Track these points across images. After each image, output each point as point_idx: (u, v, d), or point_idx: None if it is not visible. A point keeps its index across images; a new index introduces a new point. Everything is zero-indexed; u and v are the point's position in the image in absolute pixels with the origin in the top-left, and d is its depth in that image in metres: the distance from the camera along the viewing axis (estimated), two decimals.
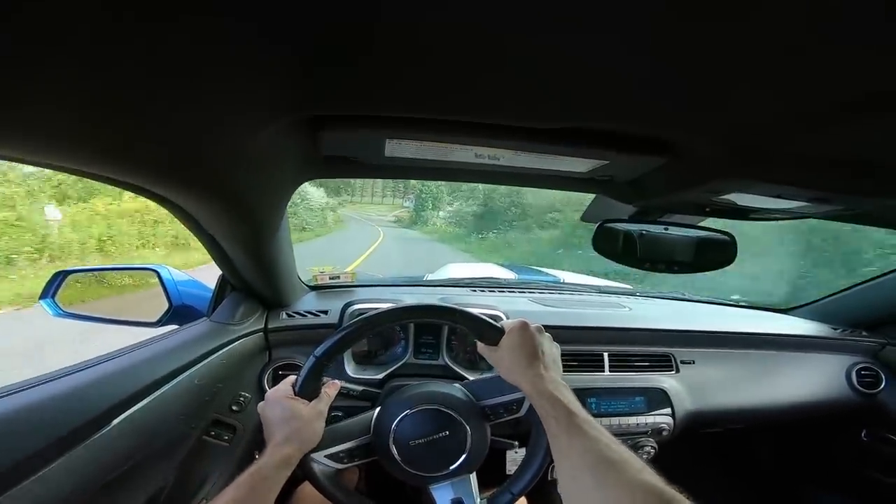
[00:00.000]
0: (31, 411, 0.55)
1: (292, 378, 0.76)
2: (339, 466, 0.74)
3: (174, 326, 1.00)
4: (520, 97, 0.43)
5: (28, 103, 0.30)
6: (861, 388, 1.35)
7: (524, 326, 0.74)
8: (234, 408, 0.97)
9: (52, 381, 0.62)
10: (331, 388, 0.77)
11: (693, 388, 1.22)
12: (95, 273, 1.17)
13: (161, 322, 1.03)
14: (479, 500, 0.77)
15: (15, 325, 5.01)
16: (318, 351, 0.72)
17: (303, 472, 0.71)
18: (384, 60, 0.36)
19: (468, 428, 0.76)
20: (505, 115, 0.49)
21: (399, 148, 0.59)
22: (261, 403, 0.74)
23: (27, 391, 0.58)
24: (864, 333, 1.43)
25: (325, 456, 0.73)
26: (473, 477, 0.79)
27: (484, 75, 0.38)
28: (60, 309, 1.02)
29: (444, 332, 1.12)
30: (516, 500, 0.78)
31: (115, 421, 0.65)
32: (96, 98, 0.32)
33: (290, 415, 0.70)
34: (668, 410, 1.17)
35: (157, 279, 1.04)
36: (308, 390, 0.73)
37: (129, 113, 0.35)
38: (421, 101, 0.45)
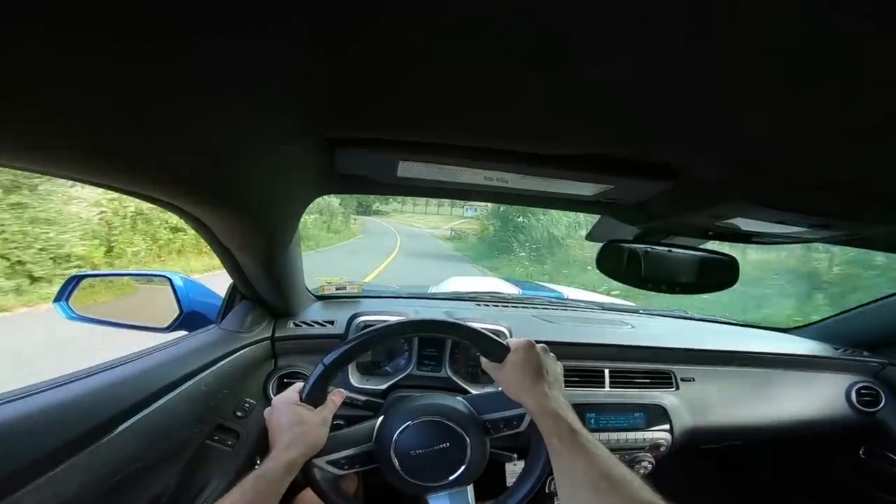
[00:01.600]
0: (40, 415, 0.57)
1: (299, 385, 0.77)
2: (340, 472, 0.75)
3: (184, 332, 1.02)
4: (529, 125, 0.45)
5: (49, 115, 0.31)
6: (860, 407, 1.35)
7: (530, 346, 0.75)
8: (238, 414, 0.98)
9: (62, 385, 0.63)
10: (336, 397, 0.79)
11: (692, 405, 1.23)
12: (109, 278, 1.19)
13: (171, 327, 1.05)
14: None
15: None
16: (327, 359, 0.74)
17: (305, 476, 0.73)
18: (399, 89, 0.38)
19: (468, 440, 0.77)
20: (514, 141, 0.50)
21: (411, 169, 0.61)
22: (267, 409, 0.75)
23: (37, 395, 0.59)
24: (865, 354, 1.43)
25: (327, 462, 0.74)
26: (470, 489, 0.80)
27: (495, 106, 0.40)
28: (74, 312, 1.04)
29: (447, 345, 1.13)
30: None
31: (123, 425, 0.66)
32: (118, 111, 0.33)
33: (295, 420, 0.71)
34: (667, 426, 1.18)
35: (168, 287, 1.06)
36: (314, 397, 0.74)
37: (149, 126, 0.36)
38: (433, 128, 0.47)
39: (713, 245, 0.88)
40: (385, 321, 0.82)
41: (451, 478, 0.77)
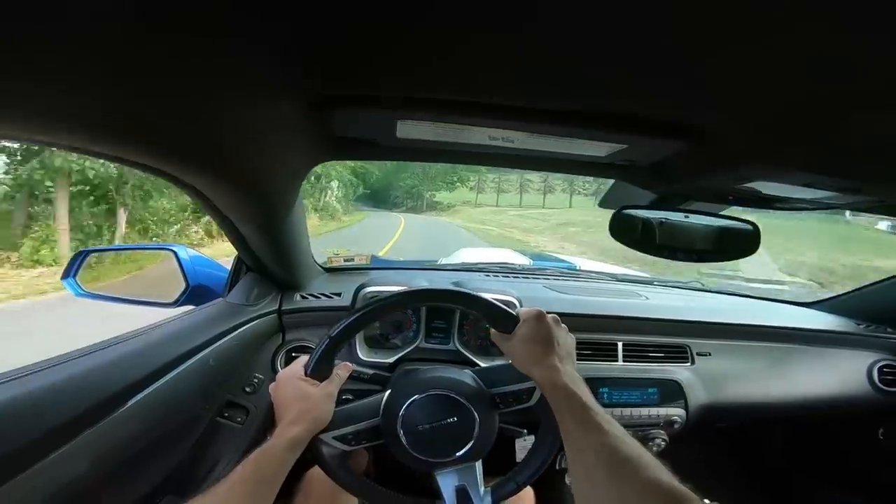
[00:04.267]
0: (50, 391, 0.57)
1: (304, 359, 0.76)
2: (347, 448, 0.75)
3: (191, 307, 1.02)
4: (534, 78, 0.42)
5: (46, 85, 0.30)
6: (882, 386, 1.31)
7: (540, 316, 0.73)
8: (247, 389, 0.99)
9: (71, 360, 0.63)
10: (342, 370, 0.77)
11: (708, 380, 1.20)
12: (115, 252, 1.19)
13: (178, 302, 1.05)
14: (483, 488, 0.77)
15: None
16: (332, 332, 0.73)
17: (311, 453, 0.72)
18: (392, 39, 0.35)
19: (476, 415, 0.76)
20: (519, 96, 0.47)
21: (411, 129, 0.58)
22: (272, 384, 0.74)
23: (47, 371, 0.59)
24: (888, 330, 1.38)
25: (334, 437, 0.74)
26: (479, 465, 0.79)
27: (497, 54, 0.37)
28: (82, 288, 1.04)
29: (455, 317, 1.12)
30: (520, 489, 0.78)
31: (132, 400, 0.66)
32: (110, 79, 0.32)
33: (300, 395, 0.70)
34: (682, 403, 1.15)
35: (174, 260, 1.06)
36: (319, 371, 0.73)
37: (140, 93, 0.35)
38: (431, 81, 0.44)
39: (732, 210, 0.84)
40: (393, 291, 0.80)
41: (458, 454, 0.75)
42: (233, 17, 0.30)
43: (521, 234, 20.00)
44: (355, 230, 17.94)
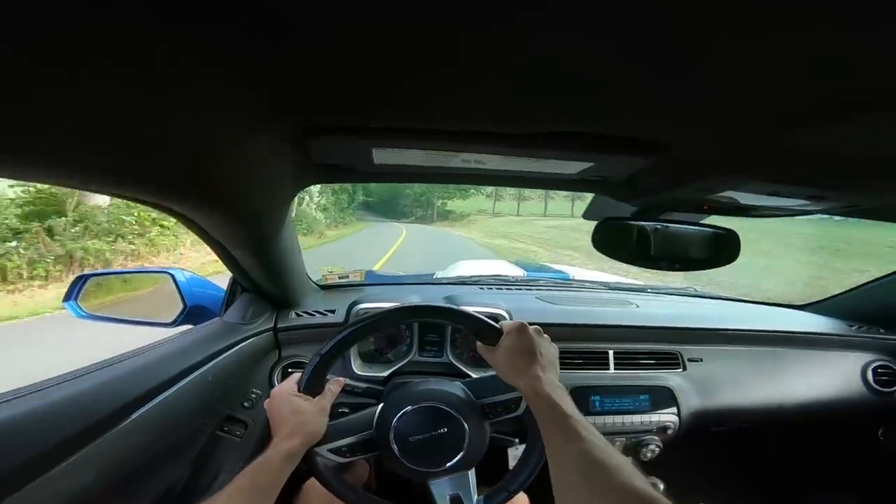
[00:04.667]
0: (55, 407, 0.59)
1: (297, 375, 0.78)
2: (342, 460, 0.77)
3: (189, 326, 1.04)
4: (496, 104, 0.44)
5: (29, 123, 0.31)
6: (877, 387, 1.31)
7: (522, 328, 0.75)
8: (245, 404, 1.00)
9: (72, 380, 0.66)
10: (334, 385, 0.80)
11: (700, 386, 1.21)
12: (114, 276, 1.22)
13: (176, 322, 1.07)
14: (476, 496, 0.79)
15: None
16: (322, 350, 0.75)
17: (307, 465, 0.74)
18: (366, 74, 0.37)
19: (466, 426, 0.77)
20: (486, 122, 0.49)
21: (386, 155, 0.60)
22: (267, 400, 0.77)
23: (51, 388, 0.62)
24: (881, 331, 1.38)
25: (329, 450, 0.75)
26: (472, 473, 0.80)
27: (463, 83, 0.39)
28: (83, 311, 1.07)
29: (448, 330, 1.13)
30: (512, 496, 0.79)
31: (134, 415, 0.68)
32: (90, 115, 0.33)
33: (294, 410, 0.72)
34: (674, 409, 1.16)
35: (171, 282, 1.08)
36: (312, 387, 0.76)
37: (120, 126, 0.36)
38: (402, 111, 0.46)
39: (715, 220, 0.86)
40: (384, 308, 0.82)
41: (450, 463, 0.77)
42: (213, 58, 0.32)
43: (572, 252, 13.96)
44: (328, 249, 13.85)
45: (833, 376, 1.32)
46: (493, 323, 0.77)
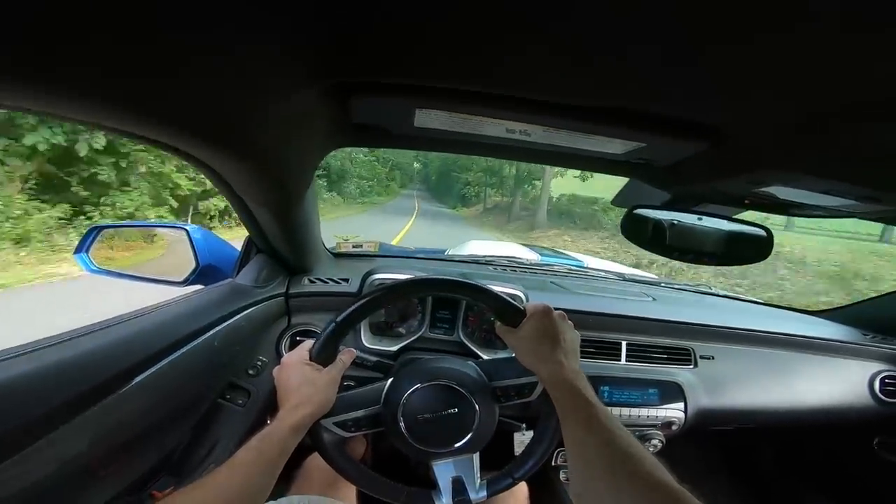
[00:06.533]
0: (51, 369, 0.57)
1: (309, 343, 0.76)
2: (346, 434, 0.76)
3: (201, 286, 1.03)
4: (556, 71, 0.41)
5: (58, 57, 0.30)
6: (882, 397, 1.31)
7: (547, 311, 0.73)
8: (250, 372, 1.00)
9: (78, 337, 0.64)
10: (346, 356, 0.77)
11: (709, 384, 1.20)
12: (127, 228, 1.20)
13: (188, 281, 1.05)
14: (478, 480, 0.78)
15: None
16: (338, 317, 0.73)
17: (311, 438, 0.72)
18: (415, 27, 0.35)
19: (477, 407, 0.76)
20: (539, 90, 0.47)
21: (429, 118, 0.57)
22: (276, 367, 0.75)
23: (54, 347, 0.60)
24: (894, 341, 1.37)
25: (334, 423, 0.74)
26: (476, 457, 0.79)
27: (518, 47, 0.37)
28: (93, 265, 1.05)
29: (460, 307, 1.12)
30: (515, 484, 0.79)
31: (136, 379, 0.66)
32: (128, 54, 0.32)
33: (304, 380, 0.70)
34: (681, 405, 1.15)
35: (186, 238, 1.06)
36: (324, 356, 0.74)
37: (160, 70, 0.35)
38: (451, 71, 0.44)
39: (747, 215, 0.83)
40: (399, 279, 0.80)
41: (457, 445, 0.76)
42: (260, 8, 0.30)
43: None
44: None
45: (840, 383, 1.32)
46: (516, 304, 0.75)
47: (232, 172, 0.64)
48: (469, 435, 0.76)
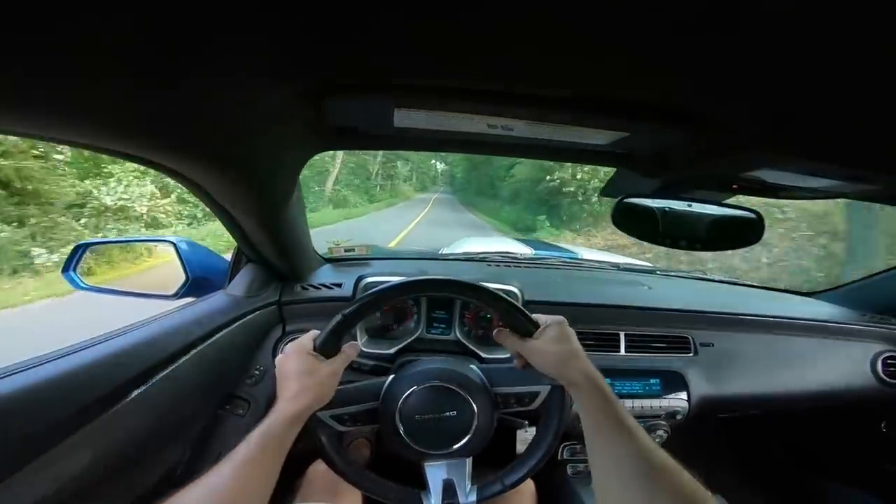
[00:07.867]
0: (51, 384, 0.56)
1: (314, 332, 0.73)
2: (342, 429, 0.74)
3: (192, 299, 1.01)
4: (533, 63, 0.41)
5: (32, 76, 0.29)
6: (886, 378, 1.29)
7: (564, 322, 0.73)
8: (248, 381, 0.99)
9: (72, 354, 0.63)
10: (351, 350, 0.75)
11: (710, 371, 1.19)
12: (114, 245, 1.19)
13: (179, 294, 1.04)
14: (469, 485, 0.77)
15: None
16: (346, 310, 0.71)
17: (308, 429, 0.71)
18: (388, 23, 0.34)
19: (477, 413, 0.75)
20: (519, 83, 0.46)
21: (408, 117, 0.56)
22: (279, 356, 0.72)
23: (47, 364, 0.59)
24: (893, 321, 1.36)
25: (331, 416, 0.73)
26: (469, 462, 0.79)
27: (494, 39, 0.36)
28: (82, 282, 1.03)
29: (456, 306, 1.11)
30: (506, 491, 0.78)
31: (133, 394, 0.66)
32: (100, 68, 0.31)
33: (305, 369, 0.68)
34: (684, 394, 1.15)
35: (173, 251, 1.05)
36: (328, 348, 0.71)
37: (130, 80, 0.34)
38: (428, 67, 0.43)
39: (737, 200, 0.83)
40: (392, 281, 0.79)
41: (453, 447, 0.75)
42: (226, 8, 0.29)
43: None
44: None
45: (842, 365, 1.30)
46: (531, 316, 0.73)
47: (211, 182, 0.63)
48: (466, 438, 0.75)
